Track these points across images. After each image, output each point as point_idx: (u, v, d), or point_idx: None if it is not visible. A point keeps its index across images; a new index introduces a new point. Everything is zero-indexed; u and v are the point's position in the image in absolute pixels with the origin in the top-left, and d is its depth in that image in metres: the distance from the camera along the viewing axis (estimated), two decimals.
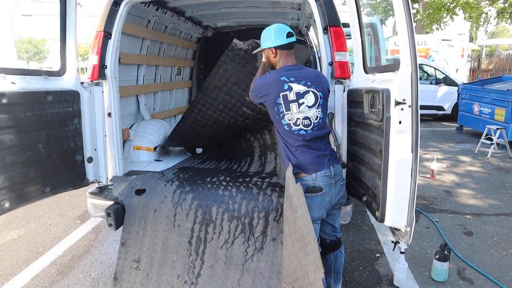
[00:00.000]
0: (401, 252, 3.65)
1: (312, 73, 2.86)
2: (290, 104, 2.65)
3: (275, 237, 3.03)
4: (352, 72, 3.28)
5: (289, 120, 2.65)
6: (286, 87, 2.67)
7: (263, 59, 3.08)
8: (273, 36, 2.83)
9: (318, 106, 2.70)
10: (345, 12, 3.16)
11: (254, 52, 3.34)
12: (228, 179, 3.45)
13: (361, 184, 2.92)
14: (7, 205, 2.75)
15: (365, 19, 8.11)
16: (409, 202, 2.34)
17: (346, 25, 3.19)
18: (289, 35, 2.84)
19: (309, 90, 2.68)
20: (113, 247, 4.38)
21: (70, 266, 4.04)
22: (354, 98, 3.02)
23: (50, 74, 3.22)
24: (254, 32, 6.81)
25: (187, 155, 4.57)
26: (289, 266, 2.62)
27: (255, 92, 2.83)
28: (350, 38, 3.17)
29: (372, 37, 7.05)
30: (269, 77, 2.77)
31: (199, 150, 4.71)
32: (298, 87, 2.67)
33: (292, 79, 2.70)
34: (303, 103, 2.65)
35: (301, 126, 2.65)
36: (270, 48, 2.84)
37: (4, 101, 2.67)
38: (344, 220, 3.24)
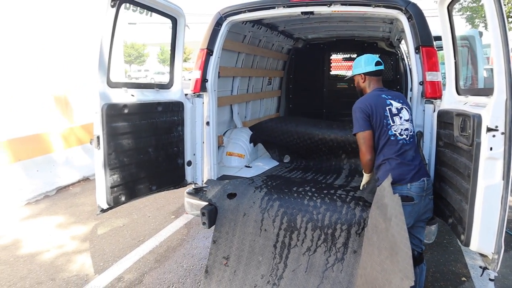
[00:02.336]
0: (490, 279, 3.49)
1: (399, 93, 3.22)
2: (394, 117, 3.00)
3: (356, 250, 3.15)
4: (443, 92, 3.27)
5: (395, 131, 2.97)
6: (388, 102, 3.04)
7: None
8: (363, 64, 3.25)
9: (410, 120, 3.07)
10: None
11: (346, 78, 3.57)
12: (313, 190, 3.64)
13: (447, 205, 2.91)
14: (123, 198, 3.24)
15: (462, 32, 7.67)
16: (497, 229, 2.31)
17: (439, 38, 3.18)
18: (377, 63, 3.21)
19: (403, 107, 3.06)
20: (203, 243, 4.80)
21: (166, 256, 4.52)
22: (444, 119, 3.01)
23: (161, 87, 3.69)
24: (344, 44, 6.95)
25: (275, 163, 4.84)
26: (369, 274, 2.70)
27: (362, 112, 3.01)
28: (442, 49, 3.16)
29: (468, 52, 6.69)
30: (370, 95, 3.13)
31: (286, 159, 4.95)
32: (396, 104, 3.04)
33: (389, 96, 3.08)
34: (401, 117, 3.02)
35: (404, 136, 2.98)
36: (360, 74, 3.26)
37: (126, 111, 3.16)
38: (429, 239, 3.24)
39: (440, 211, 3.07)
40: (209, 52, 3.92)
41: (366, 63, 3.23)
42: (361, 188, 3.45)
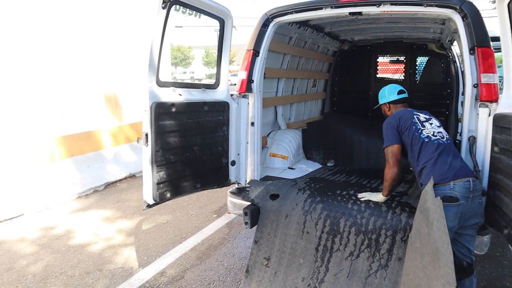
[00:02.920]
0: None
1: (426, 111, 3.39)
2: (424, 123, 3.14)
3: (401, 257, 3.04)
4: (500, 95, 3.10)
5: (427, 133, 3.05)
6: (415, 113, 3.23)
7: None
8: (386, 94, 3.58)
9: (442, 127, 3.16)
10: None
11: (375, 108, 3.63)
12: (357, 193, 3.57)
13: (502, 215, 2.76)
14: (168, 195, 3.33)
15: None
16: None
17: (496, 39, 3.02)
18: (400, 92, 3.54)
19: (431, 117, 3.24)
20: (244, 243, 4.83)
21: (207, 253, 4.59)
22: (501, 124, 2.86)
23: (207, 87, 3.75)
24: (392, 46, 6.78)
25: (318, 166, 4.79)
26: (412, 280, 2.62)
27: (391, 126, 3.19)
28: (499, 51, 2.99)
29: None
30: (396, 112, 3.35)
31: (330, 163, 4.89)
32: (422, 116, 3.22)
33: (414, 112, 3.25)
34: (432, 123, 3.15)
35: (438, 137, 3.02)
36: (385, 103, 3.58)
37: (173, 109, 3.24)
38: (480, 251, 3.08)
39: (494, 221, 2.91)
40: (255, 53, 3.94)
41: (389, 93, 3.55)
42: (359, 197, 3.54)
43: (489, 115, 3.06)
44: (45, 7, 7.20)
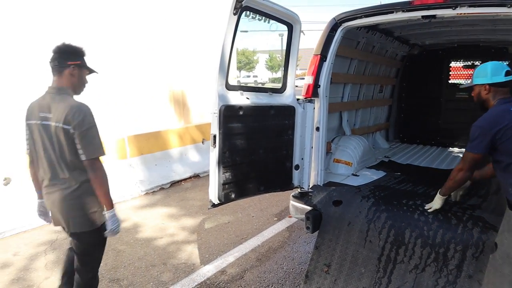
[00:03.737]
0: None
1: None
2: None
3: (471, 275, 2.87)
4: None
5: None
6: None
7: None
8: (489, 73, 2.78)
9: None
10: None
11: (463, 86, 3.19)
12: (425, 204, 3.42)
13: None
14: (232, 196, 3.41)
15: None
16: None
17: None
18: (508, 73, 2.75)
19: None
20: (304, 248, 4.81)
21: (267, 256, 4.63)
22: None
23: (274, 91, 3.80)
24: (466, 50, 6.42)
25: (383, 173, 4.66)
26: None
27: (484, 130, 2.62)
28: None
29: None
30: (496, 109, 2.69)
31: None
32: None
33: None
34: None
35: None
36: (483, 84, 2.80)
37: (241, 112, 3.32)
38: None
39: None
40: (323, 58, 3.93)
41: (493, 72, 2.78)
42: (427, 208, 3.28)
43: None
44: (118, 11, 7.71)
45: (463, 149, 6.20)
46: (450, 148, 6.58)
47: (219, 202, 3.37)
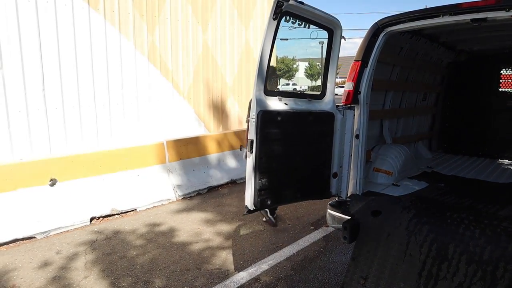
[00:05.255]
0: None
1: None
2: None
3: None
4: None
5: None
6: None
7: None
8: None
9: None
10: None
11: None
12: (470, 217, 3.22)
13: None
14: (268, 202, 3.37)
15: None
16: None
17: None
18: None
19: None
20: (340, 258, 4.67)
21: (302, 265, 4.54)
22: None
23: (313, 97, 3.74)
24: None
25: (425, 184, 4.46)
26: None
27: None
28: None
29: None
30: None
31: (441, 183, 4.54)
32: None
33: None
34: None
35: None
36: None
37: (279, 118, 3.29)
38: None
39: None
40: (364, 63, 3.83)
41: None
42: None
43: None
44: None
45: None
46: (499, 160, 6.23)
47: (254, 208, 3.34)
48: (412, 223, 3.23)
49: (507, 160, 6.16)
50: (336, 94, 3.96)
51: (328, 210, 3.79)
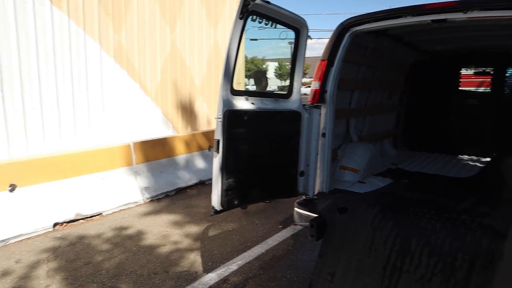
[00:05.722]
0: None
1: None
2: None
3: (479, 285, 2.76)
4: None
5: None
6: None
7: None
8: None
9: None
10: None
11: None
12: (432, 212, 3.31)
13: None
14: (236, 202, 3.35)
15: None
16: None
17: None
18: None
19: None
20: (308, 255, 4.71)
21: (271, 264, 4.54)
22: None
23: (280, 97, 3.75)
24: (479, 57, 6.32)
25: (390, 181, 4.56)
26: None
27: None
28: None
29: None
30: None
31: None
32: None
33: None
34: None
35: None
36: None
37: (246, 117, 3.28)
38: None
39: None
40: (330, 63, 3.87)
41: None
42: None
43: None
44: None
45: (473, 157, 6.11)
46: (460, 155, 6.46)
47: (222, 208, 3.32)
48: (376, 219, 3.29)
49: (466, 156, 6.39)
50: (305, 94, 3.99)
51: (296, 209, 3.81)
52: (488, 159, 5.76)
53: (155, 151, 7.38)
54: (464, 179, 4.80)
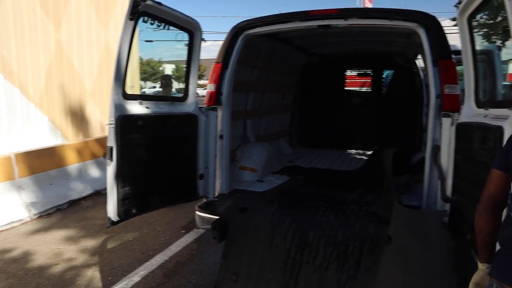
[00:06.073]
0: None
1: None
2: None
3: (369, 267, 3.02)
4: (462, 105, 3.19)
5: None
6: None
7: None
8: None
9: None
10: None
11: None
12: (326, 205, 3.54)
13: (466, 220, 2.81)
14: (134, 211, 3.22)
15: (480, 46, 7.62)
16: None
17: (457, 53, 3.12)
18: None
19: None
20: (213, 258, 4.70)
21: (175, 271, 4.44)
22: (463, 133, 2.93)
23: (175, 99, 3.69)
24: (359, 59, 6.95)
25: (287, 178, 4.77)
26: None
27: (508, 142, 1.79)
28: (460, 65, 3.09)
29: (487, 66, 6.63)
30: None
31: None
32: None
33: None
34: None
35: None
36: None
37: (140, 122, 3.16)
38: None
39: (458, 226, 2.96)
40: (224, 65, 3.92)
41: None
42: None
43: (452, 125, 3.13)
44: None
45: (360, 150, 6.70)
46: (348, 150, 7.03)
47: (119, 219, 3.16)
48: (275, 216, 3.42)
49: (354, 150, 6.98)
50: (203, 96, 3.98)
51: (197, 212, 3.79)
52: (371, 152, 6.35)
53: (42, 162, 6.73)
54: (353, 171, 5.23)
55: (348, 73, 7.43)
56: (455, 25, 3.03)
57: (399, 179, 4.38)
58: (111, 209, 3.13)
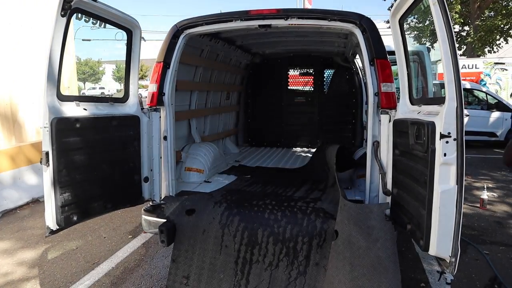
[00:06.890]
0: (447, 283, 3.60)
1: None
2: None
3: (318, 262, 3.11)
4: (398, 102, 3.36)
5: None
6: None
7: None
8: None
9: None
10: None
11: None
12: (273, 203, 3.59)
13: (405, 212, 2.96)
14: (75, 218, 3.07)
15: (412, 47, 8.09)
16: (453, 233, 2.37)
17: (392, 53, 3.28)
18: None
19: None
20: (162, 262, 4.61)
21: (123, 278, 4.30)
22: (399, 129, 3.09)
23: (115, 101, 3.56)
24: (300, 59, 7.10)
25: (234, 178, 4.77)
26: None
27: None
28: (395, 64, 3.25)
29: (418, 66, 7.06)
30: None
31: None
32: None
33: None
34: None
35: None
36: None
37: (78, 125, 3.01)
38: None
39: (398, 218, 3.11)
40: (166, 65, 3.83)
41: None
42: None
43: (390, 121, 3.29)
44: None
45: (304, 149, 6.87)
46: (293, 148, 7.17)
47: (58, 227, 3.00)
48: (224, 216, 3.41)
49: (299, 148, 7.14)
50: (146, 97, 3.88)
51: (143, 216, 3.69)
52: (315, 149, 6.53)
53: None
54: (299, 169, 5.34)
55: (291, 72, 7.56)
56: (389, 27, 3.19)
57: (343, 174, 4.53)
58: (50, 217, 2.96)
